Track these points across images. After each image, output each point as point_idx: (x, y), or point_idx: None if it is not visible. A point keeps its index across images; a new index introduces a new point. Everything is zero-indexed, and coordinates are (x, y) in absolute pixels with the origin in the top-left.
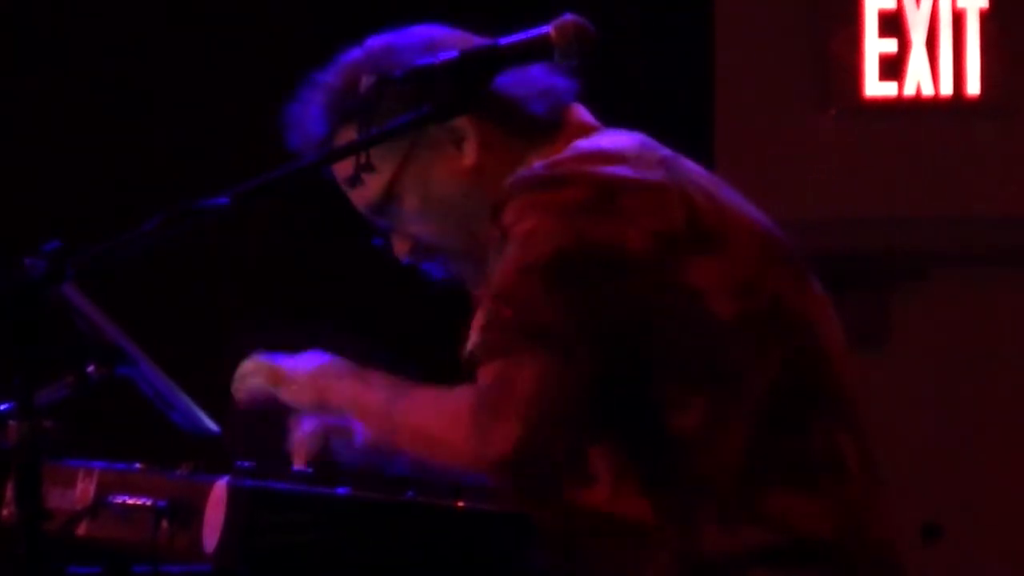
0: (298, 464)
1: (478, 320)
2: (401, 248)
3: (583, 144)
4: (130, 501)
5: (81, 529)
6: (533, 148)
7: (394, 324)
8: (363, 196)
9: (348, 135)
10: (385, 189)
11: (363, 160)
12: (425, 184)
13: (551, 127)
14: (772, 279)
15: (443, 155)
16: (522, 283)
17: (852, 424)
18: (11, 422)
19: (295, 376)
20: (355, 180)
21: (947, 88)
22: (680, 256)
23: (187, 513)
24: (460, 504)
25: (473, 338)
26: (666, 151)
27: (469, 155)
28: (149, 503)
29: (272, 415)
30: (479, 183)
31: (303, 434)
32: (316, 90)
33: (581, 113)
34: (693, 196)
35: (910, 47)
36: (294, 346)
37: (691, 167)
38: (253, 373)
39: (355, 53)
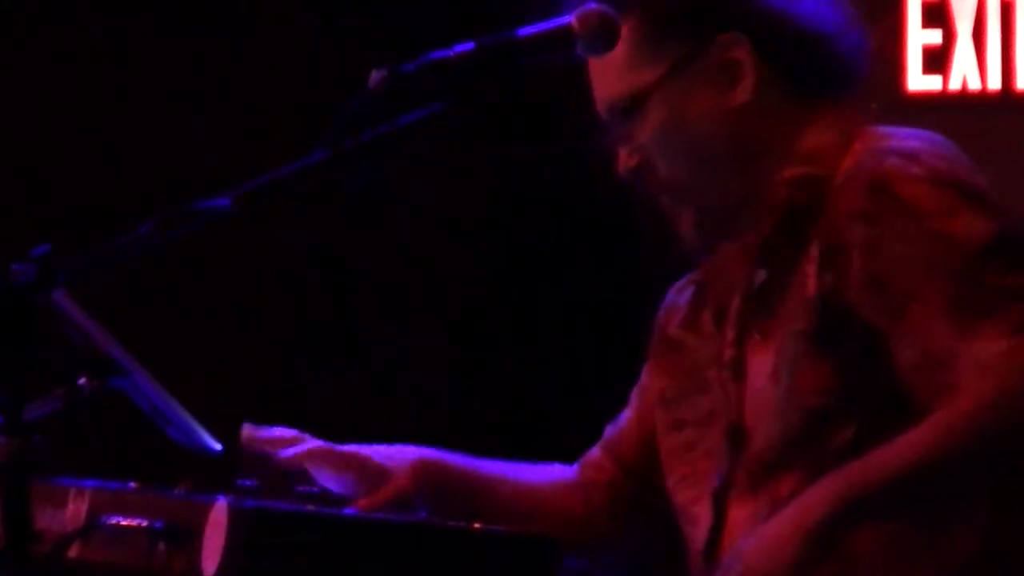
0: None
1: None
2: (626, 161)
3: (920, 134)
4: (124, 522)
5: (72, 552)
6: (813, 113)
7: (397, 334)
8: (609, 92)
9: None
10: (634, 93)
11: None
12: (680, 106)
13: (832, 95)
14: None
15: (713, 84)
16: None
17: None
18: None
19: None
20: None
21: (995, 82)
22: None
23: (185, 535)
24: (476, 525)
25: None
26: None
27: (741, 94)
28: (144, 524)
29: None
30: (738, 129)
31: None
32: None
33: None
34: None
35: (956, 38)
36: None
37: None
38: None
39: None
